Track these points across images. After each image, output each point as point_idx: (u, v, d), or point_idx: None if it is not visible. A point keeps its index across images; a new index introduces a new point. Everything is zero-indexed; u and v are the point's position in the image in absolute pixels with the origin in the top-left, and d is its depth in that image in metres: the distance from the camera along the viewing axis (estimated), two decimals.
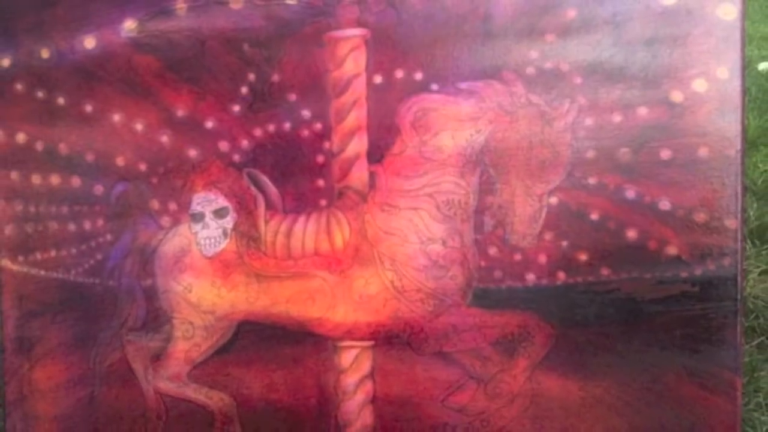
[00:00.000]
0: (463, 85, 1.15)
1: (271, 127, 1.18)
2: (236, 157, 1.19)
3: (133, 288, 1.21)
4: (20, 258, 1.21)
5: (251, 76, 1.18)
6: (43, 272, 1.21)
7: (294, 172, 1.18)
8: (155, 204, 1.20)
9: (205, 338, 1.20)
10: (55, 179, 1.21)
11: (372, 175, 1.17)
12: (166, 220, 1.21)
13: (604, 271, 1.14)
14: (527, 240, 1.15)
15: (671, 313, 1.13)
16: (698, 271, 1.12)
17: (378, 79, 1.16)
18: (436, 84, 1.15)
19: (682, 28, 1.10)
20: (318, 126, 1.17)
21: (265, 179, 1.18)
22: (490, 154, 1.15)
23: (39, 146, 1.21)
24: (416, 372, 1.17)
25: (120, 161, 1.20)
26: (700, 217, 1.11)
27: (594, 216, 1.13)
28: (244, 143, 1.18)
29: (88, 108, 1.20)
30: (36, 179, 1.21)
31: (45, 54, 1.20)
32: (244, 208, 1.19)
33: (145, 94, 1.19)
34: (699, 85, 1.10)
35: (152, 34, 1.18)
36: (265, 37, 1.17)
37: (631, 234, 1.13)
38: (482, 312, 1.16)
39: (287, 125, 1.18)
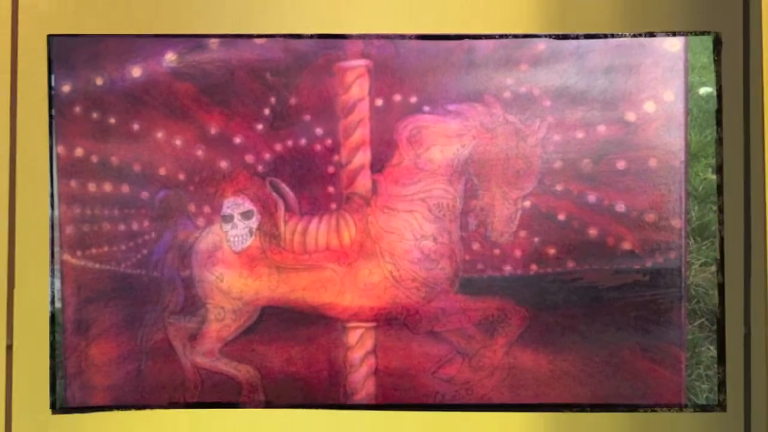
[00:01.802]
0: (451, 107, 1.15)
1: (290, 143, 1.18)
2: (260, 168, 1.19)
3: (174, 278, 1.21)
4: (78, 253, 1.21)
5: (272, 100, 1.18)
6: (97, 265, 1.21)
7: (309, 180, 1.18)
8: (192, 207, 1.20)
9: (234, 320, 1.20)
10: (107, 186, 1.21)
11: (374, 183, 1.17)
12: (201, 221, 1.21)
13: (570, 264, 1.14)
14: (505, 237, 1.15)
15: (626, 299, 1.13)
16: (649, 263, 1.12)
17: (379, 102, 1.16)
18: (428, 106, 1.15)
19: (636, 58, 1.11)
20: (329, 142, 1.18)
21: (284, 186, 1.18)
22: (474, 165, 1.15)
23: (94, 159, 1.21)
24: (412, 348, 1.17)
25: (162, 171, 1.20)
26: (651, 217, 1.12)
27: (561, 217, 1.14)
28: (267, 156, 1.19)
29: (136, 127, 1.20)
30: (91, 187, 1.21)
31: (99, 81, 1.20)
32: (267, 211, 1.19)
33: (184, 116, 1.19)
34: (649, 107, 1.11)
35: (189, 65, 1.18)
36: (285, 67, 1.17)
37: (593, 232, 1.13)
38: (467, 298, 1.16)
39: (303, 141, 1.18)
